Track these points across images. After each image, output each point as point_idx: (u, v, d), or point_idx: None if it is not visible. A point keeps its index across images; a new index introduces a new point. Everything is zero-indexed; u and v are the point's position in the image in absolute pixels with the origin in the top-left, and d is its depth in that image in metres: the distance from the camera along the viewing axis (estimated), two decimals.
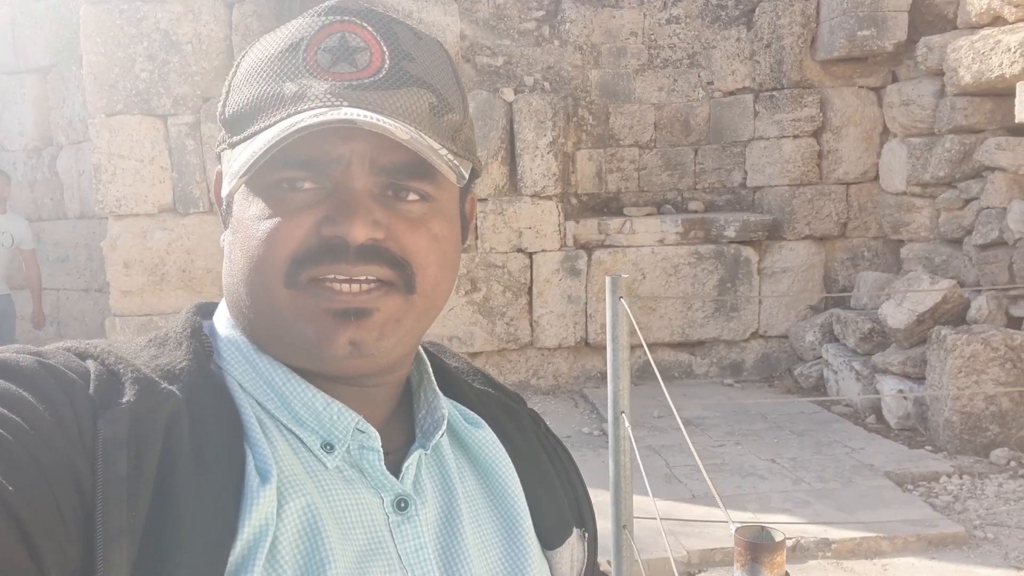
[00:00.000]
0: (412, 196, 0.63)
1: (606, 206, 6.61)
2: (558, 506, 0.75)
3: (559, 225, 5.95)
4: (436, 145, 0.61)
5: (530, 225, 5.90)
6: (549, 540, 0.73)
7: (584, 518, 0.78)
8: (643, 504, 2.83)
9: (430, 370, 0.74)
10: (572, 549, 0.75)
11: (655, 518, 2.35)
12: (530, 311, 6.00)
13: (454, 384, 0.78)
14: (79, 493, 0.52)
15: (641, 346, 2.84)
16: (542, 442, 0.80)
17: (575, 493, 0.79)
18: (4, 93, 7.16)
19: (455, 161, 0.63)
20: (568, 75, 6.48)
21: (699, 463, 1.78)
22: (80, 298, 7.08)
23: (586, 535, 0.77)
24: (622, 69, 6.58)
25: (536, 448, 0.78)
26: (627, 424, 2.79)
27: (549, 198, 5.92)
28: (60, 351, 0.60)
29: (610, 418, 2.86)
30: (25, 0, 6.94)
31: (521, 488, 0.73)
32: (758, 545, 1.05)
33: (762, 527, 1.13)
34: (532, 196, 5.89)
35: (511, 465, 0.74)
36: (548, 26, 6.51)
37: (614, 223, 6.11)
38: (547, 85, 6.34)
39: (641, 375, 5.61)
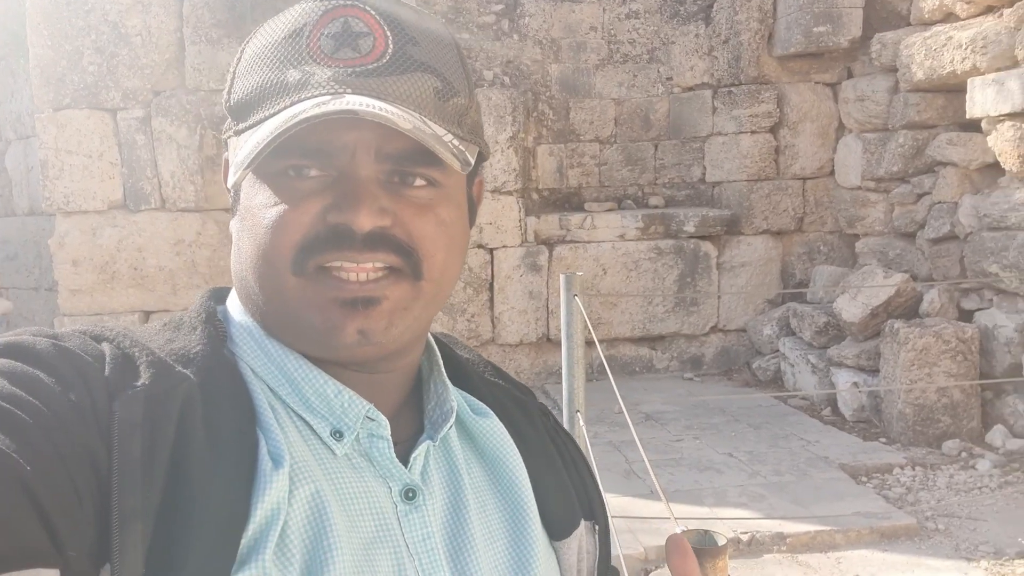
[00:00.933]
0: (419, 182, 0.63)
1: (567, 201, 6.60)
2: (566, 497, 0.75)
3: (520, 221, 5.92)
4: (441, 131, 0.61)
5: (491, 221, 5.87)
6: (556, 531, 0.73)
7: (594, 511, 0.78)
8: None
9: (440, 361, 0.74)
10: (580, 541, 0.75)
11: (610, 516, 2.34)
12: (491, 307, 5.97)
13: (465, 374, 0.78)
14: (95, 474, 0.52)
15: (602, 341, 2.83)
16: (551, 435, 0.81)
17: (585, 486, 0.79)
18: None
19: (460, 147, 0.62)
20: (528, 69, 6.46)
21: (646, 460, 1.77)
22: (30, 297, 6.90)
23: (596, 527, 0.77)
24: (582, 64, 6.57)
25: (545, 440, 0.79)
26: (582, 423, 2.78)
27: (510, 193, 5.89)
28: (76, 334, 0.60)
29: (565, 416, 2.84)
30: None
31: (528, 478, 0.73)
32: (700, 550, 1.04)
33: (705, 531, 1.12)
34: (493, 191, 5.85)
35: (518, 455, 0.73)
36: (507, 20, 6.47)
37: (575, 218, 6.11)
38: (507, 79, 6.31)
39: (602, 370, 5.61)
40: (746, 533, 3.50)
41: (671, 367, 6.32)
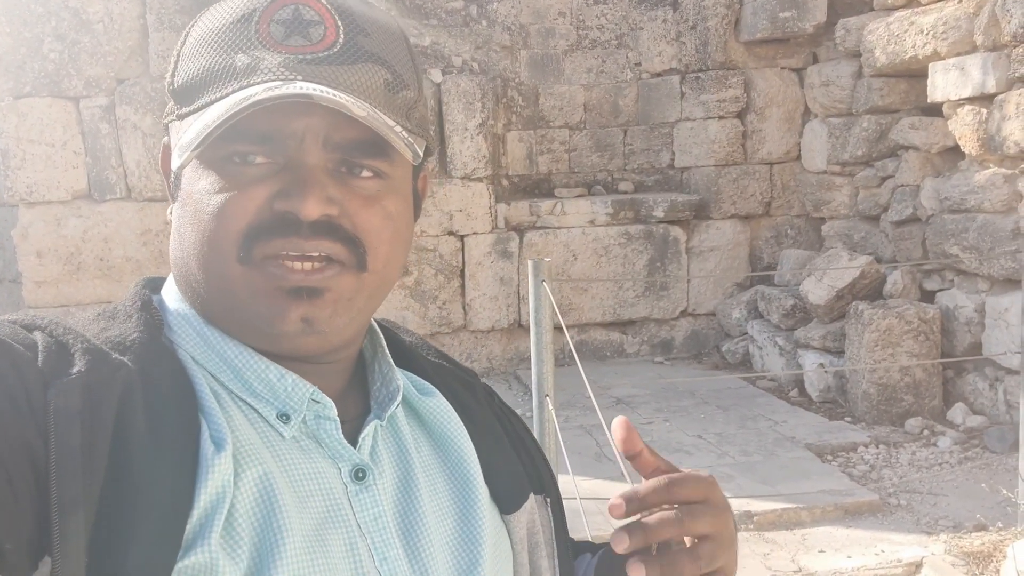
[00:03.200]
0: (366, 173, 0.63)
1: (537, 188, 6.62)
2: (513, 472, 0.76)
3: (490, 207, 5.93)
4: (391, 122, 0.61)
5: (461, 208, 5.87)
6: (506, 505, 0.74)
7: (544, 484, 0.79)
8: (566, 484, 2.86)
9: (384, 343, 0.74)
10: (532, 514, 0.76)
11: (575, 498, 2.38)
12: (463, 294, 5.99)
13: (409, 357, 0.78)
14: (32, 466, 0.51)
15: (572, 326, 2.86)
16: (496, 413, 0.81)
17: (533, 461, 0.79)
18: None
19: (409, 139, 0.62)
20: (497, 56, 6.45)
21: (614, 444, 1.81)
22: None
23: (548, 500, 0.78)
24: (551, 50, 6.58)
25: (491, 418, 0.79)
26: (551, 407, 2.81)
27: (480, 180, 5.90)
28: (5, 323, 0.58)
29: (534, 401, 2.87)
30: None
31: (476, 454, 0.73)
32: None
33: None
34: (462, 178, 5.85)
35: (465, 432, 0.74)
36: (476, 6, 6.45)
37: (545, 205, 6.13)
38: (476, 66, 6.29)
39: (573, 355, 5.65)
40: None
41: (642, 351, 6.38)
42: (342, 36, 0.61)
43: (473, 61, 6.31)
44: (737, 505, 3.62)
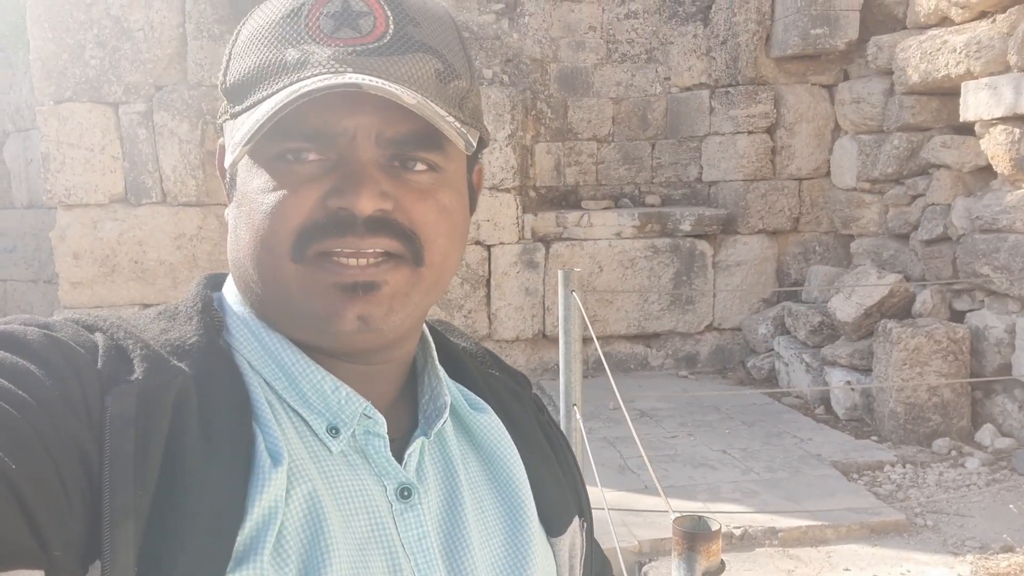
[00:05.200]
0: (420, 166, 0.62)
1: (564, 199, 6.65)
2: (562, 493, 0.75)
3: (517, 218, 5.97)
4: (443, 112, 0.60)
5: (488, 217, 5.91)
6: (553, 527, 0.73)
7: (583, 507, 0.78)
8: (594, 495, 2.87)
9: (434, 353, 0.73)
10: (573, 537, 0.75)
11: (603, 508, 2.39)
12: (488, 303, 6.02)
13: (460, 365, 0.76)
14: (85, 470, 0.51)
15: (598, 338, 2.89)
16: (544, 430, 0.80)
17: (574, 482, 0.79)
18: None
19: (463, 129, 0.61)
20: (527, 68, 6.50)
21: (644, 455, 1.82)
22: (28, 289, 6.93)
23: (585, 524, 0.78)
24: (581, 63, 6.62)
25: (540, 435, 0.78)
26: (579, 416, 2.83)
27: (507, 191, 5.94)
28: (68, 324, 0.58)
29: (562, 410, 2.89)
30: None
31: (525, 474, 0.72)
32: (694, 535, 1.09)
33: (699, 517, 1.16)
34: (490, 189, 5.90)
35: (515, 451, 0.73)
36: (507, 19, 6.51)
37: (572, 216, 6.16)
38: (506, 78, 6.35)
39: (597, 367, 5.66)
40: (739, 527, 3.55)
41: (666, 365, 6.37)
42: (392, 26, 0.60)
43: (504, 73, 6.36)
44: (762, 521, 3.61)
